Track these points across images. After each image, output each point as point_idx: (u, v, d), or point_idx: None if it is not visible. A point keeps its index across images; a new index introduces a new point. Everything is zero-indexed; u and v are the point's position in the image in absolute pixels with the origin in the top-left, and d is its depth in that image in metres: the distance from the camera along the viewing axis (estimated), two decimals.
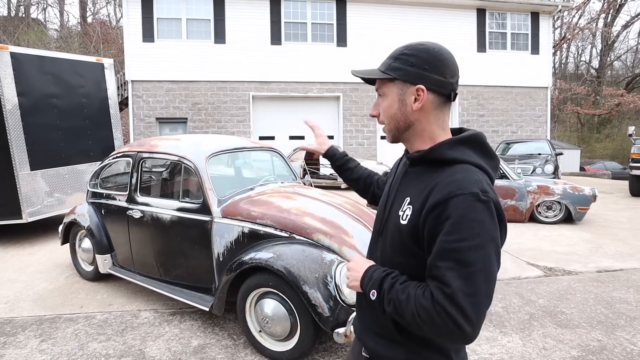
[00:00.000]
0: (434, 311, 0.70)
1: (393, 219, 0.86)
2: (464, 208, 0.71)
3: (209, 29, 10.86)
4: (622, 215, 6.21)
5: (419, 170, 0.86)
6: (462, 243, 0.70)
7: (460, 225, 0.71)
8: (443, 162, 0.81)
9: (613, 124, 24.36)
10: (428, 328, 0.72)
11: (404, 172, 0.91)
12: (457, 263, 0.70)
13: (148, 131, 10.81)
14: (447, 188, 0.75)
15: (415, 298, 0.74)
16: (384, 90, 0.88)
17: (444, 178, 0.77)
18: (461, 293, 0.68)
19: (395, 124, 0.87)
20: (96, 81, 5.96)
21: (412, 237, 0.79)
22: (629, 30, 25.97)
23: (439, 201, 0.74)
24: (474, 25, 11.94)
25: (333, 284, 2.04)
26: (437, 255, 0.73)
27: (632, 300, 3.01)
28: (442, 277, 0.71)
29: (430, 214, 0.75)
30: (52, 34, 22.84)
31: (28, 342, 2.52)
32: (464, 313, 0.68)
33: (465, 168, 0.78)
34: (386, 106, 0.87)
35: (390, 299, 0.78)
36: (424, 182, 0.81)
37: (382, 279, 0.81)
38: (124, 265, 3.26)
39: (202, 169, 2.64)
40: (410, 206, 0.81)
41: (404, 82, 0.84)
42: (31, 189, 5.00)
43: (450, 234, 0.71)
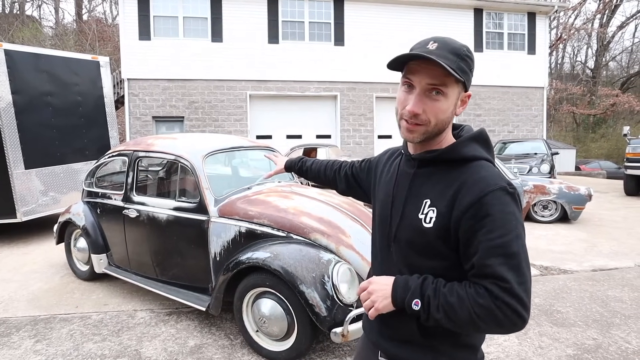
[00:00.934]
0: (495, 307, 0.71)
1: (411, 223, 0.83)
2: (499, 204, 0.74)
3: (206, 27, 10.80)
4: (617, 215, 6.26)
5: (432, 171, 0.84)
6: (506, 237, 0.73)
7: (499, 221, 0.73)
8: (461, 161, 0.81)
9: (608, 124, 24.54)
10: (487, 325, 0.73)
11: (411, 173, 0.87)
12: (506, 257, 0.72)
13: (144, 130, 10.75)
14: (478, 186, 0.76)
15: (469, 298, 0.73)
16: (447, 90, 0.78)
17: (468, 177, 0.78)
18: (516, 284, 0.71)
19: (441, 126, 0.81)
20: (92, 79, 5.92)
21: (442, 239, 0.79)
22: (624, 30, 26.19)
23: (473, 201, 0.75)
24: (471, 25, 11.96)
25: (330, 283, 2.03)
26: (485, 254, 0.73)
27: (626, 299, 3.03)
28: (496, 273, 0.72)
29: (465, 215, 0.75)
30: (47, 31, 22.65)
31: (22, 343, 2.50)
32: (522, 302, 0.72)
33: (483, 164, 0.80)
34: (443, 108, 0.79)
35: (438, 305, 0.75)
36: (443, 183, 0.81)
37: (422, 286, 0.78)
38: (119, 265, 3.24)
39: (199, 168, 2.63)
40: (434, 208, 0.80)
41: (463, 87, 0.82)
42: (25, 188, 4.95)
43: (493, 231, 0.73)
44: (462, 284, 0.77)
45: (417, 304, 0.77)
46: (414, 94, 0.79)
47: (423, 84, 0.78)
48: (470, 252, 0.75)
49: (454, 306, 0.74)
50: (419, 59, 0.77)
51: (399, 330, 0.86)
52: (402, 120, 0.82)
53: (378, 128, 11.97)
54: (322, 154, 9.96)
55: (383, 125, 12.01)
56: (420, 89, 0.79)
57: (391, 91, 11.77)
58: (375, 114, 11.83)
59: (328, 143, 10.87)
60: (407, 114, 0.80)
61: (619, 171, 13.73)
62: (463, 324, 0.75)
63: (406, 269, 0.85)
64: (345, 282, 2.08)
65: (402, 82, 0.82)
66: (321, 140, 11.64)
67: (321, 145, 10.16)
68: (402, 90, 0.82)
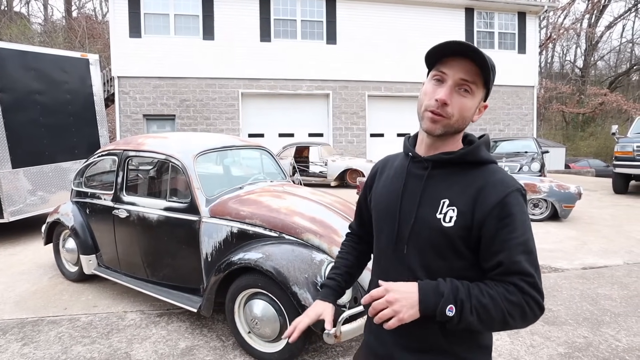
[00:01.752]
0: (524, 303, 0.75)
1: (428, 223, 0.83)
2: (518, 204, 0.79)
3: (198, 25, 10.70)
4: (606, 213, 6.36)
5: (447, 172, 0.86)
6: (526, 235, 0.78)
7: (520, 220, 0.78)
8: (478, 163, 0.85)
9: (597, 123, 24.92)
10: (516, 321, 0.76)
11: (425, 174, 0.86)
12: (528, 254, 0.77)
13: (135, 128, 10.62)
14: (500, 187, 0.80)
15: (500, 297, 0.75)
16: (475, 89, 0.82)
17: (490, 177, 0.82)
18: (537, 278, 0.77)
19: (460, 123, 0.83)
20: (81, 77, 5.82)
21: (462, 237, 0.80)
22: (612, 30, 26.63)
23: (498, 200, 0.78)
24: (462, 25, 12.04)
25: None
26: (513, 251, 0.76)
27: (616, 297, 3.07)
28: (524, 269, 0.76)
29: (490, 214, 0.78)
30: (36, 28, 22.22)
31: (9, 346, 2.45)
32: (542, 295, 0.78)
33: (496, 167, 0.85)
34: (468, 106, 0.82)
35: (471, 308, 0.74)
36: (461, 183, 0.83)
37: (455, 290, 0.76)
38: (109, 266, 3.19)
39: (190, 168, 2.59)
40: (454, 207, 0.81)
41: (484, 95, 0.86)
42: (13, 187, 4.85)
43: (516, 230, 0.77)
44: (487, 283, 0.78)
45: (452, 309, 0.74)
46: (445, 86, 0.81)
47: (456, 78, 0.80)
48: (495, 250, 0.78)
49: (487, 307, 0.74)
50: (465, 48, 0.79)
51: (422, 338, 0.84)
52: (426, 111, 0.83)
53: (370, 127, 11.99)
54: (314, 152, 9.96)
55: (375, 123, 12.03)
56: (453, 82, 0.81)
57: (383, 89, 11.80)
58: (367, 113, 11.85)
59: (320, 141, 10.86)
60: (434, 104, 0.81)
61: (607, 169, 13.96)
62: (494, 324, 0.76)
63: (422, 270, 0.84)
64: None
65: (433, 75, 0.84)
66: (313, 138, 11.63)
67: (313, 144, 10.16)
68: (430, 84, 0.84)
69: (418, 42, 11.52)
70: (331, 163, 9.45)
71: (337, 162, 9.45)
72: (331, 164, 9.45)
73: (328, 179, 9.51)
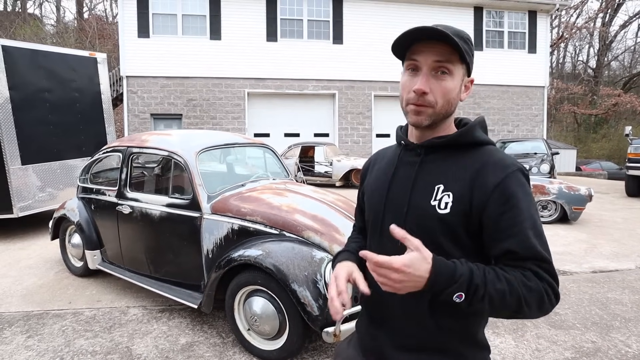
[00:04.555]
0: (542, 289, 0.70)
1: (422, 211, 0.78)
2: (521, 184, 0.75)
3: (205, 25, 10.78)
4: (618, 216, 6.21)
5: (441, 157, 0.81)
6: (534, 217, 0.73)
7: (525, 201, 0.74)
8: (474, 145, 0.81)
9: (610, 124, 24.45)
10: (531, 309, 0.70)
11: (418, 161, 0.83)
12: (539, 237, 0.73)
13: (142, 127, 10.73)
14: (499, 168, 0.75)
15: (518, 282, 0.69)
16: (452, 69, 0.77)
17: (487, 158, 0.77)
18: (552, 263, 0.73)
19: (447, 108, 0.79)
20: (89, 76, 5.89)
21: (460, 225, 0.75)
22: (627, 30, 26.08)
23: (497, 183, 0.74)
24: (471, 24, 11.91)
25: (323, 282, 2.00)
26: (522, 236, 0.72)
27: (627, 302, 2.99)
28: (538, 255, 0.72)
29: (491, 196, 0.73)
30: (49, 29, 22.64)
31: (14, 338, 2.48)
32: (557, 280, 0.73)
33: (494, 148, 0.81)
34: (450, 87, 0.77)
35: (484, 294, 0.67)
36: (456, 167, 0.78)
37: (470, 275, 0.68)
38: (113, 262, 3.22)
39: (192, 165, 2.59)
40: (449, 192, 0.76)
41: (466, 70, 0.81)
42: (22, 183, 4.94)
43: (523, 212, 0.73)
44: (504, 268, 0.71)
45: (460, 297, 0.67)
46: (420, 75, 0.77)
47: (429, 62, 0.76)
48: (502, 236, 0.72)
49: (503, 292, 0.67)
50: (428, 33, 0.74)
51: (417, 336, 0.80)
52: (408, 105, 0.79)
53: (376, 127, 11.93)
54: (319, 152, 9.94)
55: (381, 123, 11.97)
56: (427, 67, 0.76)
57: (390, 90, 11.73)
58: (373, 113, 11.79)
59: (326, 141, 10.84)
60: (413, 97, 0.77)
61: (620, 172, 13.68)
62: (506, 310, 0.69)
63: None
64: None
65: (407, 66, 0.80)
66: (319, 138, 11.61)
67: (319, 144, 10.14)
68: (406, 75, 0.80)
69: None
70: (336, 163, 9.43)
71: (342, 162, 9.43)
72: (336, 164, 9.42)
73: (333, 179, 9.49)
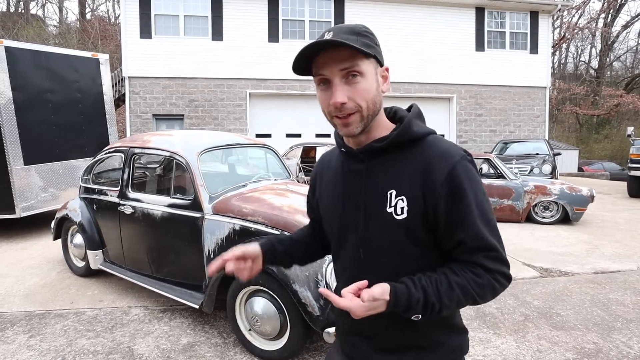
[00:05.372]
0: (493, 281, 0.73)
1: (379, 220, 0.77)
2: (466, 172, 0.74)
3: (207, 26, 10.79)
4: (620, 217, 6.19)
5: (385, 160, 0.78)
6: (481, 204, 0.74)
7: (471, 190, 0.73)
8: (412, 141, 0.78)
9: (612, 125, 24.36)
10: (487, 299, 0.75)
11: (361, 169, 0.80)
12: (487, 224, 0.74)
13: (145, 128, 10.76)
14: (443, 160, 0.74)
15: (469, 283, 0.72)
16: (362, 69, 0.74)
17: (430, 153, 0.76)
18: (501, 249, 0.75)
19: (373, 108, 0.76)
20: (91, 76, 5.92)
21: (422, 225, 0.74)
22: (629, 30, 26.00)
23: (445, 177, 0.73)
24: (473, 24, 11.89)
25: (324, 282, 2.00)
26: (472, 226, 0.73)
27: (629, 303, 2.98)
28: (486, 245, 0.73)
29: (442, 193, 0.73)
30: (51, 30, 22.72)
31: (16, 338, 2.49)
32: (507, 264, 0.75)
33: (436, 138, 0.79)
34: (366, 87, 0.74)
35: (440, 307, 0.71)
36: (405, 167, 0.76)
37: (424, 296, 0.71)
38: (115, 262, 3.23)
39: (194, 165, 2.60)
40: (402, 197, 0.75)
41: (377, 62, 0.77)
42: (25, 183, 4.96)
43: (471, 202, 0.73)
44: (455, 269, 0.74)
45: (418, 317, 0.72)
46: (333, 86, 0.75)
47: (336, 72, 0.74)
48: (453, 228, 0.73)
49: (458, 298, 0.72)
50: (318, 47, 0.72)
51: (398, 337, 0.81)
52: (333, 119, 0.77)
53: None
54: (321, 152, 9.93)
55: None
56: (337, 78, 0.74)
57: (391, 90, 11.72)
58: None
59: (327, 142, 10.84)
60: (334, 109, 0.75)
61: (622, 172, 13.62)
62: (462, 306, 0.75)
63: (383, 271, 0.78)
64: None
65: (317, 82, 0.78)
66: (320, 139, 11.61)
67: (320, 144, 10.14)
68: (319, 90, 0.78)
69: (427, 42, 11.43)
70: None
71: None
72: None
73: None
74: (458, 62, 11.62)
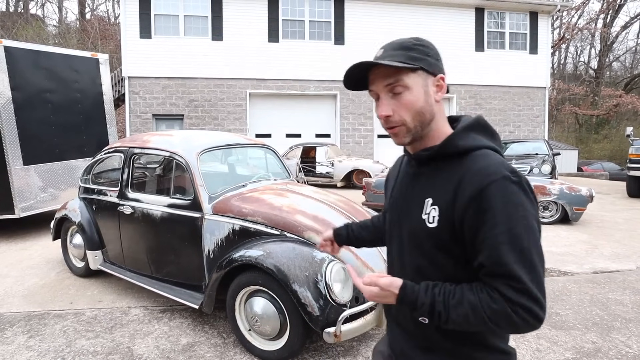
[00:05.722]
0: (511, 311, 0.68)
1: (415, 224, 0.80)
2: (503, 195, 0.70)
3: (207, 26, 10.80)
4: (619, 216, 6.20)
5: (432, 168, 0.82)
6: (514, 231, 0.68)
7: (504, 214, 0.69)
8: (459, 154, 0.78)
9: (611, 125, 24.39)
10: (502, 328, 0.70)
11: (412, 173, 0.86)
12: (516, 253, 0.68)
13: (144, 127, 10.76)
14: (477, 178, 0.72)
15: (482, 305, 0.69)
16: (406, 83, 0.77)
17: (467, 169, 0.74)
18: (531, 283, 0.68)
19: (420, 119, 0.79)
20: (91, 76, 5.91)
21: (450, 236, 0.76)
22: (628, 31, 26.06)
23: (474, 194, 0.71)
24: (473, 24, 11.91)
25: (323, 282, 2.00)
26: (493, 251, 0.69)
27: (628, 302, 2.98)
28: (508, 273, 0.68)
29: (467, 210, 0.72)
30: (51, 29, 22.71)
31: (15, 339, 2.48)
32: (539, 302, 0.68)
33: (483, 153, 0.77)
34: (411, 100, 0.78)
35: (447, 318, 0.72)
36: (443, 179, 0.78)
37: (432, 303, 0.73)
38: (114, 262, 3.23)
39: (193, 165, 2.60)
40: (435, 206, 0.77)
41: (427, 73, 0.79)
42: (24, 183, 4.95)
43: (497, 226, 0.69)
44: (474, 287, 0.72)
45: (424, 320, 0.75)
46: (380, 101, 0.81)
47: (381, 87, 0.79)
48: (477, 249, 0.72)
49: (466, 315, 0.71)
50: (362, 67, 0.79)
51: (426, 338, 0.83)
52: (386, 130, 0.83)
53: (378, 127, 11.93)
54: (321, 153, 9.94)
55: None
56: (383, 93, 0.80)
57: None
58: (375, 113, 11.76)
59: (327, 142, 10.84)
60: (383, 122, 0.81)
61: (621, 172, 13.64)
62: (477, 328, 0.73)
63: (414, 273, 0.82)
64: (339, 282, 2.05)
65: (371, 96, 0.83)
66: (320, 139, 11.62)
67: (320, 144, 10.14)
68: (375, 104, 0.84)
69: None
70: (338, 164, 9.43)
71: (343, 162, 9.43)
72: (338, 164, 9.43)
73: (334, 180, 9.49)
74: (458, 63, 11.63)
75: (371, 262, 2.28)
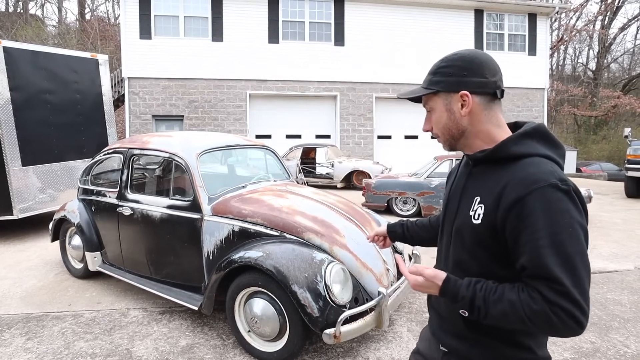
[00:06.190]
0: (550, 312, 0.69)
1: (463, 220, 0.86)
2: (547, 201, 0.72)
3: (207, 27, 10.80)
4: (617, 217, 6.21)
5: (485, 169, 0.86)
6: (557, 237, 0.70)
7: (546, 219, 0.71)
8: (511, 159, 0.81)
9: (609, 126, 24.45)
10: (541, 329, 0.72)
11: (468, 172, 0.92)
12: (559, 257, 0.70)
13: (144, 128, 10.75)
14: (522, 184, 0.75)
15: (522, 304, 0.72)
16: (431, 105, 0.91)
17: (514, 174, 0.77)
18: (573, 287, 0.69)
19: (449, 132, 0.90)
20: (90, 77, 5.90)
21: (490, 235, 0.79)
22: (626, 32, 26.12)
23: (517, 198, 0.74)
24: (472, 26, 11.93)
25: (323, 283, 2.00)
26: (536, 254, 0.71)
27: (626, 302, 2.99)
28: (550, 275, 0.70)
29: (509, 213, 0.75)
30: (50, 30, 22.68)
31: (13, 341, 2.48)
32: (580, 307, 0.69)
33: (535, 161, 0.79)
34: (437, 118, 0.90)
35: (486, 314, 0.76)
36: (493, 180, 0.82)
37: (472, 298, 0.77)
38: (113, 263, 3.22)
39: (193, 166, 2.60)
40: (482, 205, 0.81)
41: (447, 93, 0.87)
42: (23, 184, 4.94)
43: (539, 231, 0.71)
44: (516, 287, 0.75)
45: (464, 313, 0.79)
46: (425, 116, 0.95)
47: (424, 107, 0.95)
48: (519, 252, 0.74)
49: (505, 313, 0.73)
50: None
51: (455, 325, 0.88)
52: None
53: (377, 128, 11.94)
54: (321, 154, 9.95)
55: (382, 125, 11.98)
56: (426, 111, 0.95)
57: (391, 91, 11.75)
58: (374, 114, 11.80)
59: (327, 143, 10.84)
60: None
61: (620, 173, 13.68)
62: (515, 326, 0.75)
63: (456, 266, 0.88)
64: (338, 283, 2.05)
65: None
66: (320, 140, 11.62)
67: (320, 145, 10.15)
68: None
69: (427, 44, 11.46)
70: (338, 165, 9.44)
71: (343, 163, 9.43)
72: (338, 165, 9.43)
73: (334, 181, 9.49)
74: None
75: (370, 263, 2.28)
